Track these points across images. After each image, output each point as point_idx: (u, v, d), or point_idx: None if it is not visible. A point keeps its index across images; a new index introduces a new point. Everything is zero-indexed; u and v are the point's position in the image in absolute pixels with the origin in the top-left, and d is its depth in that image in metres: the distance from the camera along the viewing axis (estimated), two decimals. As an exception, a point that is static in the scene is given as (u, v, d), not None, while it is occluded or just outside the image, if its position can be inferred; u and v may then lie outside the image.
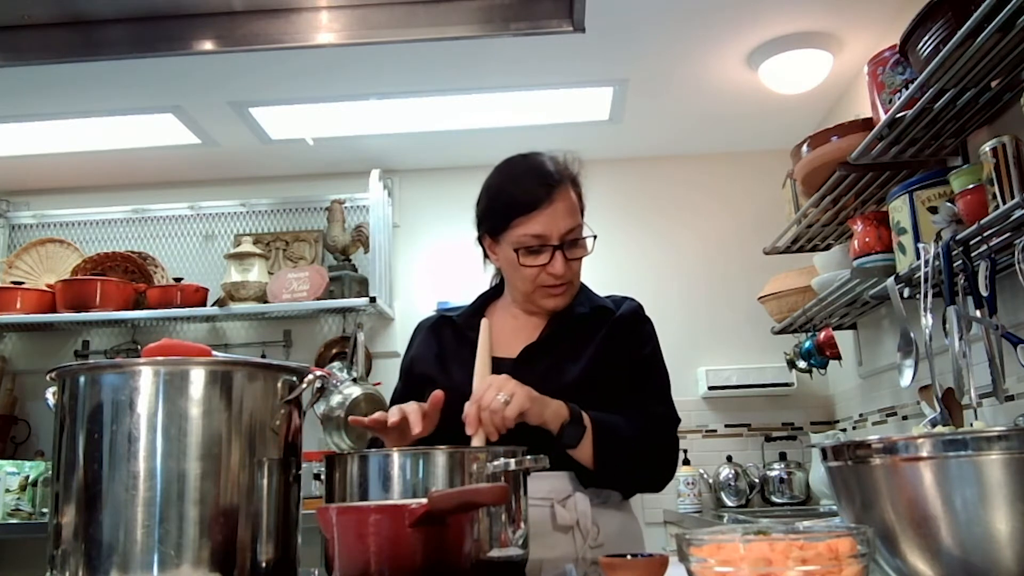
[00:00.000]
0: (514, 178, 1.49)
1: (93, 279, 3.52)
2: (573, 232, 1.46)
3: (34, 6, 1.51)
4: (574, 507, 1.38)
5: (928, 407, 2.17)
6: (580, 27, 1.56)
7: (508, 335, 1.53)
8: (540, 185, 1.44)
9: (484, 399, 1.25)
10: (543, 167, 1.48)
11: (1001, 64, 1.73)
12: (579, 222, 1.48)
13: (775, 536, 0.69)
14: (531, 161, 1.50)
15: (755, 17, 2.69)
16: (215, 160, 3.69)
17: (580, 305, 1.54)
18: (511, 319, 1.57)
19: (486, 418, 1.24)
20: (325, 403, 3.19)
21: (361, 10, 1.55)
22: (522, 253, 1.45)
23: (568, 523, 1.36)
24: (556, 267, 1.44)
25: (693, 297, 3.66)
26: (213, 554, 0.95)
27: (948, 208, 1.84)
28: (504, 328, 1.55)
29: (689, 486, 3.30)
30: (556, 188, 1.44)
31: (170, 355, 1.06)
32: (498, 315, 1.59)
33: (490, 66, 2.95)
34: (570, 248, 1.46)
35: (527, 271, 1.46)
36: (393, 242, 3.72)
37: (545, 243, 1.44)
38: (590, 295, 1.58)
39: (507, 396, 1.25)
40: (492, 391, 1.25)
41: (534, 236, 1.43)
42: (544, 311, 1.53)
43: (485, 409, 1.24)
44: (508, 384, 1.27)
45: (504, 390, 1.25)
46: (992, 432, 0.74)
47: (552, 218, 1.43)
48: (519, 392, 1.26)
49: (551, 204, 1.43)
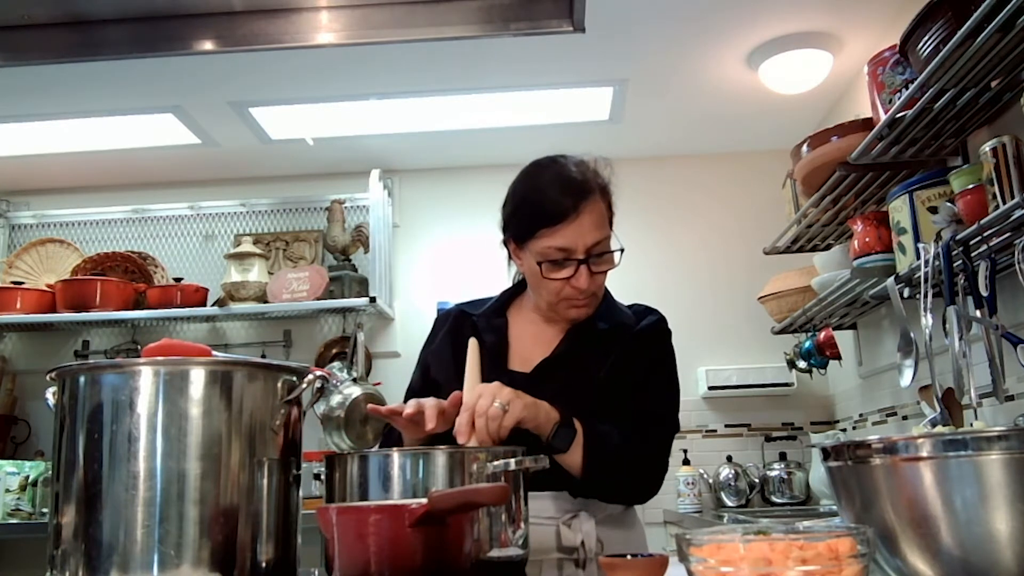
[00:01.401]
0: (540, 187, 1.42)
1: (93, 279, 3.52)
2: (600, 245, 1.40)
3: (34, 6, 1.51)
4: (579, 527, 1.35)
5: (928, 407, 2.17)
6: (580, 27, 1.56)
7: (527, 344, 1.50)
8: (566, 196, 1.38)
9: (479, 406, 1.20)
10: (570, 176, 1.41)
11: (1001, 64, 1.73)
12: (607, 234, 1.42)
13: (775, 536, 0.69)
14: (559, 168, 1.43)
15: (755, 17, 2.69)
16: (215, 160, 3.69)
17: (601, 319, 1.49)
18: (530, 325, 1.53)
19: (480, 425, 1.19)
20: (325, 403, 3.18)
21: (361, 10, 1.56)
22: (545, 266, 1.40)
23: (573, 544, 1.34)
24: (580, 281, 1.39)
25: (693, 297, 3.66)
26: (213, 554, 0.95)
27: (948, 208, 1.84)
28: (523, 336, 1.52)
29: (689, 486, 3.30)
30: (584, 200, 1.38)
31: (170, 355, 1.06)
32: (519, 318, 1.55)
33: (490, 66, 2.95)
34: (596, 262, 1.41)
35: (551, 284, 1.41)
36: (393, 242, 3.72)
37: (570, 256, 1.38)
38: (612, 307, 1.53)
39: (504, 403, 1.20)
40: (487, 399, 1.20)
41: (559, 249, 1.38)
42: (566, 321, 1.49)
43: (480, 416, 1.19)
44: (503, 392, 1.22)
45: (500, 397, 1.20)
46: (992, 432, 0.74)
47: (578, 232, 1.37)
48: (516, 400, 1.21)
49: (577, 217, 1.37)
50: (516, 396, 1.22)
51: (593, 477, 1.33)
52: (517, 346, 1.50)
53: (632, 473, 1.39)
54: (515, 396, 1.22)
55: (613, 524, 1.43)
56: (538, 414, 1.26)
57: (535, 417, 1.26)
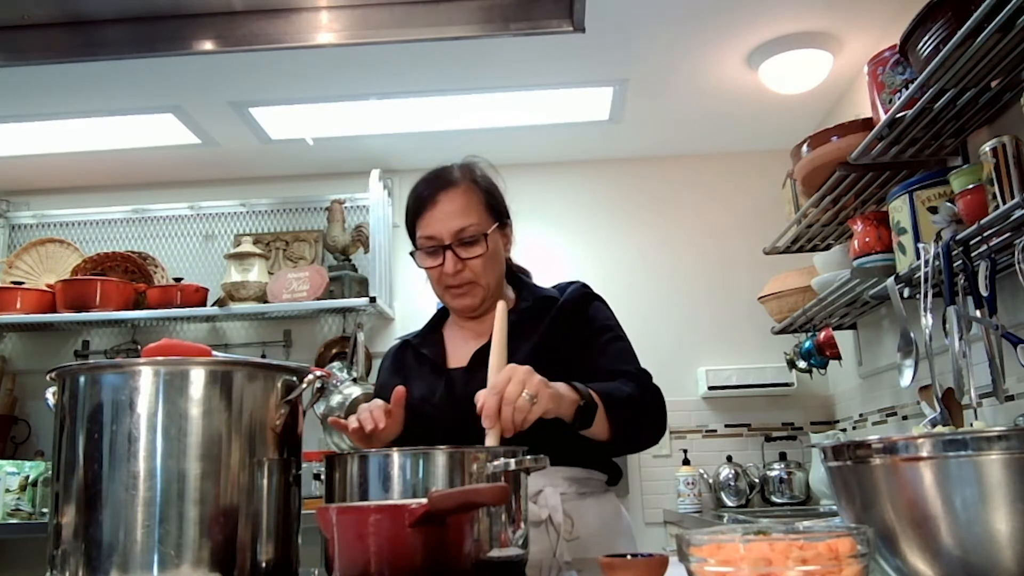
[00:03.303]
0: (418, 183, 1.55)
1: (93, 279, 3.52)
2: (464, 232, 1.47)
3: (34, 6, 1.51)
4: (544, 502, 1.38)
5: (928, 407, 2.17)
6: (580, 27, 1.56)
7: (458, 345, 1.57)
8: (427, 187, 1.51)
9: (508, 393, 1.17)
10: (438, 170, 1.54)
11: (1001, 64, 1.73)
12: (472, 221, 1.48)
13: (775, 536, 0.69)
14: (435, 169, 1.56)
15: (755, 17, 2.69)
16: (215, 160, 3.69)
17: (524, 300, 1.57)
18: (461, 330, 1.60)
19: (507, 414, 1.17)
20: (325, 403, 3.19)
21: (361, 10, 1.55)
22: (420, 256, 1.52)
23: (539, 518, 1.37)
24: (447, 267, 1.47)
25: (693, 297, 3.67)
26: (213, 554, 0.95)
27: (948, 208, 1.84)
28: (456, 340, 1.59)
29: (689, 486, 3.30)
30: (443, 189, 1.49)
31: (170, 355, 1.06)
32: (450, 330, 1.63)
33: (490, 66, 2.95)
34: (462, 247, 1.48)
35: (429, 273, 1.53)
36: (393, 242, 3.72)
37: (437, 243, 1.48)
38: (533, 289, 1.60)
39: (532, 395, 1.18)
40: (516, 385, 1.18)
41: (427, 238, 1.49)
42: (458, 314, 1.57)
43: (508, 404, 1.17)
44: (532, 379, 1.19)
45: (528, 387, 1.18)
46: (992, 432, 0.74)
47: (439, 218, 1.47)
48: (544, 391, 1.20)
49: (435, 205, 1.48)
50: (544, 385, 1.21)
51: (622, 435, 1.37)
52: (453, 349, 1.58)
53: (647, 419, 1.43)
54: (543, 385, 1.21)
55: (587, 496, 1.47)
56: (561, 403, 1.26)
57: (558, 407, 1.25)
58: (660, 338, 3.54)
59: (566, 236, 3.72)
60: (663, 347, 3.52)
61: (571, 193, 3.78)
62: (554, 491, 1.40)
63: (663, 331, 3.58)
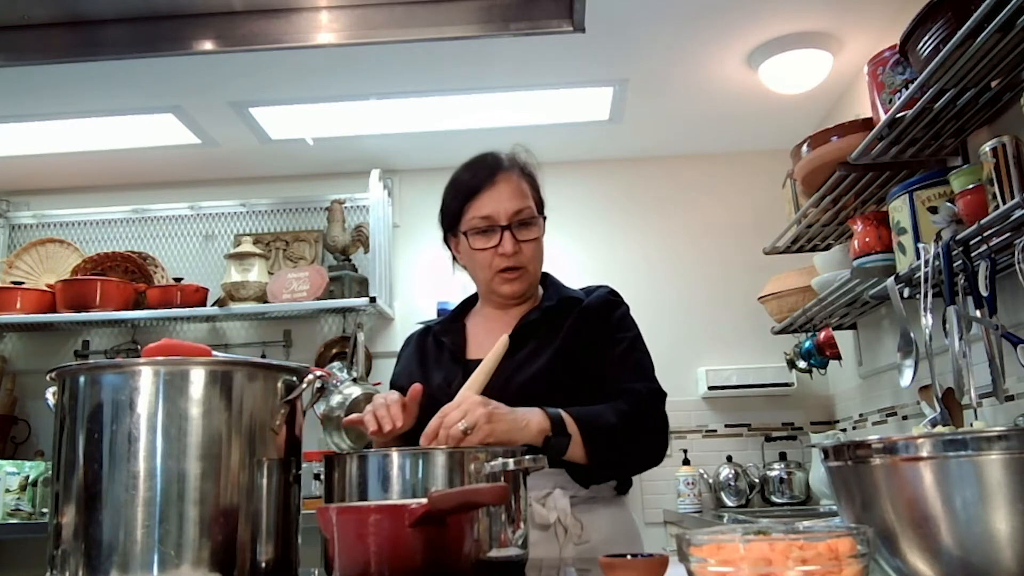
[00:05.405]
0: (460, 171, 1.57)
1: (93, 279, 3.52)
2: (521, 213, 1.50)
3: (34, 6, 1.51)
4: (553, 505, 1.38)
5: (928, 407, 2.17)
6: (580, 27, 1.56)
7: (481, 337, 1.56)
8: (482, 169, 1.52)
9: (448, 418, 1.22)
10: (490, 154, 1.56)
11: (1001, 64, 1.73)
12: (527, 204, 1.51)
13: (775, 536, 0.69)
14: (483, 154, 1.57)
15: (755, 17, 2.69)
16: (215, 160, 3.69)
17: (548, 299, 1.57)
18: (485, 321, 1.60)
19: (441, 437, 1.21)
20: (325, 403, 3.19)
21: (361, 10, 1.56)
22: (472, 236, 1.50)
23: (547, 521, 1.37)
24: (506, 247, 1.48)
25: (693, 297, 3.67)
26: (213, 554, 0.95)
27: (948, 208, 1.84)
28: (478, 331, 1.59)
29: (689, 486, 3.30)
30: (498, 171, 1.51)
31: (170, 355, 1.06)
32: (473, 320, 1.63)
33: (490, 66, 2.95)
34: (519, 229, 1.50)
35: (480, 255, 1.51)
36: (393, 242, 3.72)
37: (493, 224, 1.49)
38: (559, 288, 1.60)
39: (469, 425, 1.20)
40: (457, 412, 1.22)
41: (482, 218, 1.49)
42: (504, 300, 1.56)
43: (444, 429, 1.21)
44: (476, 411, 1.22)
45: (468, 417, 1.21)
46: (992, 432, 0.74)
47: (497, 198, 1.49)
48: (484, 426, 1.21)
49: (494, 185, 1.49)
50: (488, 420, 1.22)
51: (601, 462, 1.37)
52: (474, 340, 1.58)
53: (635, 446, 1.41)
54: (486, 420, 1.22)
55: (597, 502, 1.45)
56: (524, 432, 1.27)
57: (519, 437, 1.27)
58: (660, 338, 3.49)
59: (566, 236, 3.72)
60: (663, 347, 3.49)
61: (571, 193, 3.78)
62: (563, 493, 1.39)
63: (663, 331, 3.57)
